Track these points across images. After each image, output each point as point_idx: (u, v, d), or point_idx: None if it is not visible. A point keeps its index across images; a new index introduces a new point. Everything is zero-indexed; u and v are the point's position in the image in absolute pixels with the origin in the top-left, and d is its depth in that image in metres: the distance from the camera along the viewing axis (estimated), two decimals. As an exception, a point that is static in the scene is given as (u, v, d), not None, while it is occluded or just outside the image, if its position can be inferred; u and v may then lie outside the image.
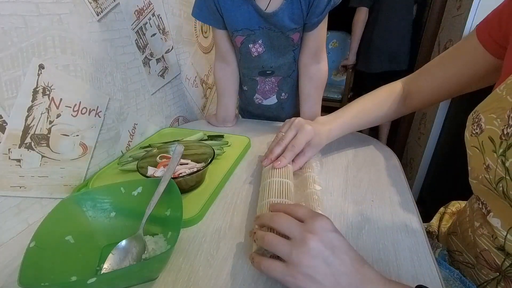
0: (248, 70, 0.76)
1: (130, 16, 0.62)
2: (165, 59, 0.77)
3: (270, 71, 0.74)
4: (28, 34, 0.42)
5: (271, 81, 0.77)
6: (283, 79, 0.76)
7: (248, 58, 0.72)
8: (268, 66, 0.73)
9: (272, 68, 0.73)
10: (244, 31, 0.66)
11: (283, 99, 0.81)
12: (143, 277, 0.34)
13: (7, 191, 0.42)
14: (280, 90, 0.79)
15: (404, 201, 0.48)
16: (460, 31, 1.21)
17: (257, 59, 0.71)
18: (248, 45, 0.69)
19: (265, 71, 0.74)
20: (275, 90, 0.79)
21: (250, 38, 0.67)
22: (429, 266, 0.36)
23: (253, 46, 0.69)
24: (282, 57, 0.72)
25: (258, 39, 0.68)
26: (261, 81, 0.78)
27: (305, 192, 0.46)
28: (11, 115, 0.41)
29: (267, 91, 0.80)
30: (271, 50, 0.70)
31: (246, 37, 0.67)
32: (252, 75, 0.76)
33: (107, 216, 0.41)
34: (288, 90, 0.79)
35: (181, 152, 0.47)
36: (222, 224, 0.44)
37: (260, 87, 0.79)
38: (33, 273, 0.29)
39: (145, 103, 0.71)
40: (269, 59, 0.72)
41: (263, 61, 0.72)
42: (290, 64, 0.73)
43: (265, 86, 0.78)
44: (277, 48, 0.70)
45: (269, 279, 0.35)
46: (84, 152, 0.54)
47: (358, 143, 0.69)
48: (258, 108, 0.85)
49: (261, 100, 0.82)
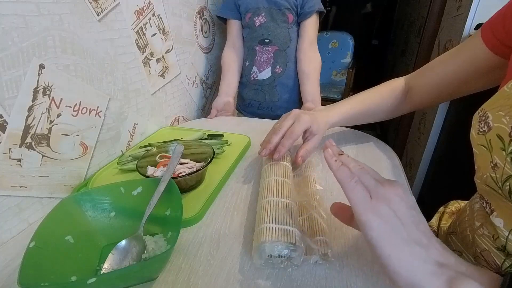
0: (251, 40, 0.93)
1: (130, 16, 0.62)
2: (165, 59, 0.77)
3: (268, 40, 0.91)
4: (29, 34, 0.42)
5: (268, 50, 0.92)
6: (278, 50, 0.92)
7: (252, 29, 0.91)
8: (266, 33, 0.91)
9: (269, 36, 0.91)
10: (252, 9, 0.89)
11: (276, 73, 0.93)
12: (143, 277, 0.34)
13: (8, 190, 0.42)
14: (275, 62, 0.92)
15: (404, 201, 0.48)
16: (460, 31, 1.21)
17: (259, 28, 0.90)
18: (254, 18, 0.90)
19: (263, 39, 0.91)
20: (270, 61, 0.93)
21: (255, 13, 0.89)
22: (429, 266, 0.36)
23: (257, 18, 0.90)
24: (278, 28, 0.90)
25: (261, 13, 0.89)
26: (259, 50, 0.93)
27: (306, 192, 0.46)
28: (11, 115, 0.41)
29: (263, 62, 0.93)
30: (270, 21, 0.90)
31: (253, 13, 0.89)
32: (253, 44, 0.93)
33: (107, 216, 0.41)
34: (282, 64, 0.93)
35: (181, 151, 0.47)
36: (222, 224, 0.44)
37: (258, 57, 0.93)
38: (33, 273, 0.30)
39: (145, 103, 0.71)
40: (268, 28, 0.90)
41: (263, 30, 0.90)
42: (285, 38, 0.91)
43: (262, 55, 0.93)
44: (275, 21, 0.89)
45: (269, 278, 0.35)
46: (84, 151, 0.54)
47: (358, 142, 0.69)
48: (253, 88, 0.97)
49: (256, 75, 0.95)
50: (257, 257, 0.35)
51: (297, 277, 0.35)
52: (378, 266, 0.36)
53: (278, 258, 0.35)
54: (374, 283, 0.34)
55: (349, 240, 0.40)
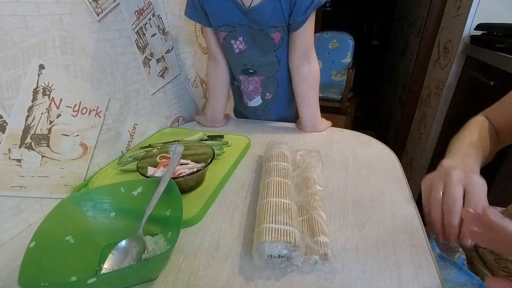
0: (233, 67, 0.76)
1: (130, 16, 0.62)
2: (165, 59, 0.77)
3: (253, 70, 0.74)
4: (29, 34, 0.42)
5: (255, 80, 0.77)
6: (266, 79, 0.76)
7: (231, 55, 0.73)
8: (250, 64, 0.73)
9: (254, 67, 0.73)
10: (226, 27, 0.67)
11: (268, 100, 0.80)
12: (143, 277, 0.34)
13: (8, 191, 0.42)
14: (265, 90, 0.78)
15: (404, 201, 0.48)
16: (460, 31, 1.21)
17: (239, 56, 0.72)
18: (230, 41, 0.69)
19: (247, 70, 0.74)
20: (258, 90, 0.78)
21: (231, 34, 0.68)
22: (429, 266, 0.36)
23: (235, 42, 0.69)
24: (264, 56, 0.71)
25: (239, 35, 0.68)
26: (244, 80, 0.77)
27: (306, 192, 0.46)
28: (11, 115, 0.41)
29: (251, 92, 0.79)
30: (252, 48, 0.70)
31: (228, 33, 0.68)
32: (236, 73, 0.77)
33: (107, 216, 0.41)
34: (272, 90, 0.78)
35: (181, 152, 0.47)
36: (222, 224, 0.44)
37: (244, 87, 0.78)
38: (33, 273, 0.30)
39: (145, 103, 0.71)
40: (251, 57, 0.71)
41: (245, 59, 0.72)
42: (273, 64, 0.73)
43: (248, 85, 0.78)
44: (259, 47, 0.70)
45: (270, 278, 0.35)
46: (84, 152, 0.54)
47: (358, 143, 0.69)
48: (246, 109, 0.86)
49: (246, 101, 0.82)
50: (257, 257, 0.35)
51: (297, 277, 0.35)
52: (378, 267, 0.36)
53: (278, 258, 0.35)
54: (374, 283, 0.34)
55: (349, 240, 0.40)
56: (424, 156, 1.49)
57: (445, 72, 1.33)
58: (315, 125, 0.76)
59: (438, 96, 1.39)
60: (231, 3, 0.63)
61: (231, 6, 0.63)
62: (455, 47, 1.26)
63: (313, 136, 0.74)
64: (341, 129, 0.77)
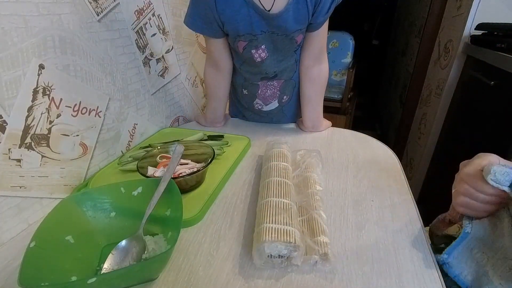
0: (251, 75, 0.73)
1: (130, 16, 0.62)
2: (165, 59, 0.77)
3: (273, 75, 0.72)
4: (28, 34, 0.42)
5: (273, 85, 0.74)
6: (285, 82, 0.74)
7: (250, 64, 0.69)
8: (271, 71, 0.71)
9: (274, 73, 0.71)
10: (247, 36, 0.63)
11: (284, 102, 0.79)
12: (143, 277, 0.34)
13: (7, 191, 0.42)
14: (282, 94, 0.76)
15: (404, 201, 0.48)
16: (460, 31, 1.21)
17: (259, 64, 0.68)
18: (250, 50, 0.66)
19: (267, 76, 0.72)
20: (276, 95, 0.76)
21: (252, 43, 0.64)
22: (429, 266, 0.36)
23: (256, 51, 0.66)
24: (284, 60, 0.70)
25: (261, 44, 0.65)
26: (262, 86, 0.75)
27: (306, 192, 0.46)
28: (11, 115, 0.41)
29: (268, 97, 0.76)
30: (274, 54, 0.68)
31: (249, 42, 0.64)
32: (253, 79, 0.74)
33: (107, 216, 0.41)
34: (289, 92, 0.77)
35: (181, 152, 0.47)
36: (222, 224, 0.44)
37: (261, 92, 0.76)
38: (33, 273, 0.29)
39: (145, 103, 0.71)
40: (272, 64, 0.69)
41: (266, 67, 0.69)
42: (292, 66, 0.72)
43: (266, 91, 0.75)
44: (281, 51, 0.67)
45: (270, 278, 0.35)
46: (84, 152, 0.54)
47: (358, 143, 0.69)
48: (257, 114, 0.83)
49: (261, 106, 0.79)
50: (257, 257, 0.35)
51: (297, 277, 0.35)
52: (378, 267, 0.36)
53: (278, 258, 0.35)
54: (374, 283, 0.34)
55: (349, 240, 0.40)
56: (424, 156, 1.49)
57: (446, 72, 1.33)
58: (318, 126, 0.76)
59: (438, 96, 1.39)
60: (252, 11, 0.59)
61: (251, 14, 0.59)
62: (455, 47, 1.26)
63: (313, 136, 0.74)
64: (341, 129, 0.77)
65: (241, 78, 0.75)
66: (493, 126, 0.96)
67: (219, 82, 0.76)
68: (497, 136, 0.94)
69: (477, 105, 1.10)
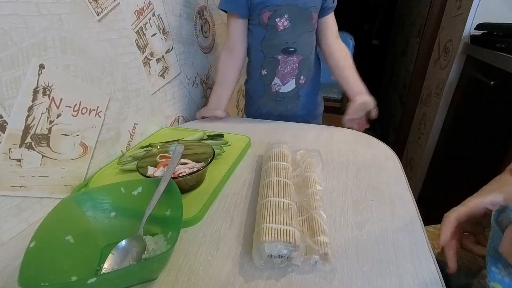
0: (271, 48, 0.78)
1: (130, 16, 0.62)
2: (165, 59, 0.77)
3: (293, 48, 0.78)
4: (28, 34, 0.42)
5: (293, 61, 0.80)
6: (303, 60, 0.80)
7: (273, 34, 0.76)
8: (291, 41, 0.77)
9: (294, 45, 0.77)
10: (271, 7, 0.73)
11: (300, 84, 0.84)
12: (143, 277, 0.34)
13: (7, 190, 0.42)
14: (300, 73, 0.82)
15: (404, 201, 0.48)
16: (460, 31, 1.21)
17: (281, 33, 0.76)
18: (275, 19, 0.74)
19: (288, 48, 0.78)
20: (294, 72, 0.81)
21: (276, 13, 0.73)
22: (429, 266, 0.36)
23: (280, 20, 0.74)
24: (303, 35, 0.77)
25: (284, 13, 0.73)
26: (282, 61, 0.80)
27: (306, 192, 0.46)
28: (11, 115, 0.41)
29: (287, 74, 0.81)
30: (294, 26, 0.75)
31: (273, 12, 0.73)
32: (274, 53, 0.79)
33: (107, 216, 0.41)
34: (306, 73, 0.83)
35: (181, 152, 0.47)
36: (222, 224, 0.44)
37: (281, 68, 0.80)
38: (33, 273, 0.29)
39: (145, 103, 0.71)
40: (293, 34, 0.76)
41: (288, 35, 0.76)
42: (309, 44, 0.80)
43: (286, 66, 0.80)
44: (299, 25, 0.76)
45: (270, 278, 0.35)
46: (84, 152, 0.54)
47: (358, 143, 0.69)
48: (273, 100, 0.86)
49: (278, 87, 0.83)
50: (257, 257, 0.35)
51: (297, 277, 0.35)
52: (378, 267, 0.36)
53: (278, 258, 0.35)
54: (374, 283, 0.34)
55: (349, 240, 0.40)
56: (424, 156, 1.49)
57: (445, 72, 1.33)
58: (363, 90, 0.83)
59: (438, 96, 1.39)
60: None
61: None
62: (455, 47, 1.26)
63: (313, 135, 0.74)
64: (341, 129, 0.77)
65: (260, 57, 0.81)
66: (493, 126, 0.96)
67: (230, 65, 0.82)
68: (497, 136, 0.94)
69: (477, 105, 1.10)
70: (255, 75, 0.84)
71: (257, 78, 0.84)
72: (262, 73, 0.82)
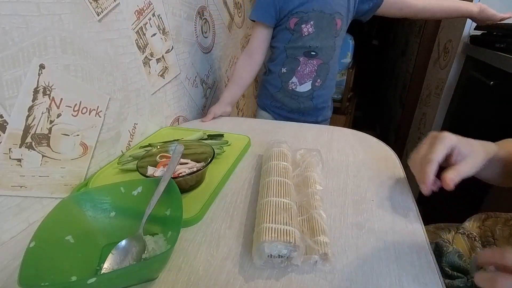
0: (295, 50, 0.84)
1: (130, 16, 0.62)
2: (165, 59, 0.77)
3: (314, 53, 0.83)
4: (29, 34, 0.42)
5: (312, 63, 0.85)
6: (322, 64, 0.85)
7: (297, 38, 0.82)
8: (314, 45, 0.82)
9: (316, 49, 0.83)
10: (299, 13, 0.78)
11: (316, 87, 0.89)
12: (143, 277, 0.34)
13: (8, 190, 0.42)
14: (317, 76, 0.87)
15: (404, 201, 0.48)
16: (460, 31, 1.21)
17: (305, 38, 0.81)
18: (301, 25, 0.80)
19: (309, 52, 0.83)
20: (312, 74, 0.86)
21: (303, 19, 0.79)
22: (429, 266, 0.36)
23: (305, 26, 0.80)
24: (325, 40, 0.82)
25: (310, 20, 0.79)
26: (303, 62, 0.85)
27: (306, 192, 0.46)
28: (12, 115, 0.41)
29: (305, 75, 0.86)
30: (318, 31, 0.81)
31: (300, 18, 0.79)
32: (297, 54, 0.84)
33: (107, 216, 0.41)
34: (323, 77, 0.88)
35: (181, 151, 0.47)
36: (222, 224, 0.44)
37: (301, 68, 0.86)
38: (33, 273, 0.29)
39: (145, 103, 0.71)
40: (315, 39, 0.82)
41: (311, 41, 0.82)
42: (330, 49, 0.84)
43: (305, 68, 0.85)
44: (324, 30, 0.81)
45: (270, 278, 0.35)
46: (84, 151, 0.54)
47: (358, 142, 0.69)
48: (288, 95, 0.90)
49: (295, 86, 0.88)
50: (257, 257, 0.35)
51: (297, 277, 0.35)
52: (378, 267, 0.36)
53: (278, 258, 0.35)
54: (374, 283, 0.34)
55: (349, 240, 0.40)
56: (424, 156, 1.48)
57: (445, 72, 1.33)
58: None
59: (438, 96, 1.39)
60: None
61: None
62: (455, 47, 1.26)
63: (313, 135, 0.74)
64: (341, 128, 0.77)
65: (283, 56, 0.86)
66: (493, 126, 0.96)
67: (248, 69, 0.89)
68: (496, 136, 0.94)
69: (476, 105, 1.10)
70: (275, 71, 0.89)
71: (276, 74, 0.89)
72: (282, 71, 0.88)
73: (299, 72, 0.86)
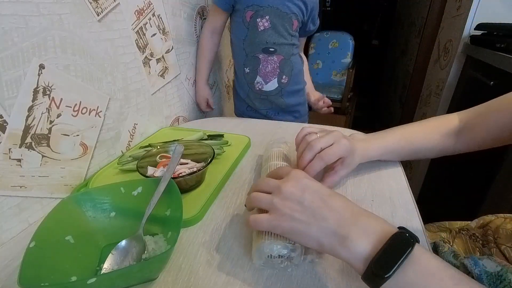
0: (253, 46, 0.83)
1: (130, 16, 0.62)
2: (165, 59, 0.77)
3: (273, 49, 0.83)
4: (29, 34, 0.42)
5: (273, 60, 0.84)
6: (284, 60, 0.85)
7: (254, 33, 0.81)
8: (271, 42, 0.82)
9: (274, 46, 0.82)
10: (254, 6, 0.78)
11: (283, 84, 0.87)
12: (143, 277, 0.34)
13: (8, 190, 0.42)
14: (281, 72, 0.86)
15: (404, 201, 0.48)
16: (460, 31, 1.21)
17: (262, 33, 0.81)
18: (256, 19, 0.79)
19: (268, 48, 0.83)
20: (276, 72, 0.86)
21: (258, 13, 0.79)
22: (429, 266, 0.36)
23: (261, 20, 0.79)
24: (283, 37, 0.82)
25: (265, 15, 0.79)
26: (263, 60, 0.84)
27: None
28: (11, 115, 0.41)
29: (268, 73, 0.86)
30: (275, 28, 0.80)
31: (255, 12, 0.79)
32: (255, 51, 0.84)
33: (107, 216, 0.41)
34: (288, 73, 0.87)
35: (181, 152, 0.47)
36: (222, 224, 0.44)
37: (262, 67, 0.85)
38: (33, 273, 0.29)
39: (145, 103, 0.71)
40: (272, 36, 0.81)
41: (267, 37, 0.81)
42: (289, 47, 0.84)
43: (267, 65, 0.85)
44: (280, 27, 0.81)
45: (270, 278, 0.35)
46: (84, 152, 0.54)
47: (358, 143, 0.69)
48: (258, 97, 0.90)
49: (261, 85, 0.87)
50: (257, 257, 0.35)
51: (297, 277, 0.35)
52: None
53: (278, 258, 0.35)
54: (374, 283, 0.34)
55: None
56: (424, 156, 1.48)
57: (445, 72, 1.33)
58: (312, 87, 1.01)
59: (438, 96, 1.39)
60: None
61: None
62: (455, 47, 1.26)
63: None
64: (341, 128, 0.77)
65: (242, 54, 0.86)
66: (493, 126, 0.96)
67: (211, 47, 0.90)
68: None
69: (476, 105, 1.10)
70: (240, 73, 0.89)
71: (241, 76, 0.89)
72: (245, 71, 0.87)
73: (262, 70, 0.86)
